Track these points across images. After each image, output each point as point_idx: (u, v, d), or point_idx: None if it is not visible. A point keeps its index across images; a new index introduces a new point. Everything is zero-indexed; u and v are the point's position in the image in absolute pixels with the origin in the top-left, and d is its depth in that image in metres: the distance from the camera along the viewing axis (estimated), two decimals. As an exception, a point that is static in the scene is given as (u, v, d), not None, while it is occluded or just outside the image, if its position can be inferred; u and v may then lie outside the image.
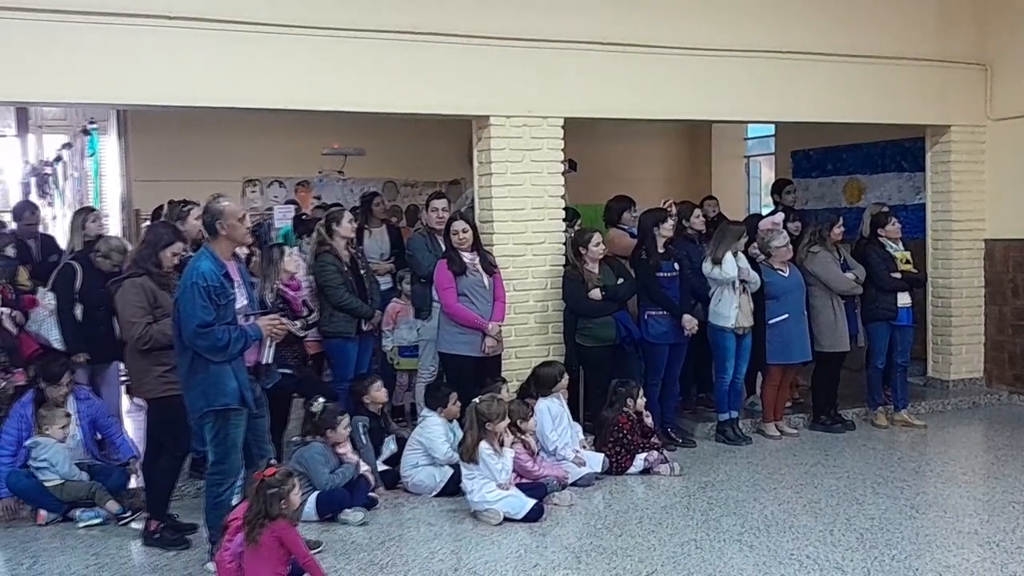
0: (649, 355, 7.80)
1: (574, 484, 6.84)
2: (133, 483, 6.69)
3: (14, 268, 7.04)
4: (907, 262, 8.65)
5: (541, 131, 7.97)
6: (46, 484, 6.37)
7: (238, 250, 5.63)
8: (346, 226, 7.52)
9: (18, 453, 6.44)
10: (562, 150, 8.10)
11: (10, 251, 7.34)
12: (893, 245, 8.62)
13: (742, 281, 7.82)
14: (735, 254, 7.84)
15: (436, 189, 10.25)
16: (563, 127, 8.05)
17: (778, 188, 10.15)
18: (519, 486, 6.35)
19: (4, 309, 6.58)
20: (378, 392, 7.17)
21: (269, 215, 10.11)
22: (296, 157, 12.21)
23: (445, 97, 7.68)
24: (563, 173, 8.19)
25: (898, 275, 8.48)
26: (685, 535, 5.87)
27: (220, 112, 7.78)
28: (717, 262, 7.79)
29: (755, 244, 8.19)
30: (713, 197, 10.49)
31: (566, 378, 7.40)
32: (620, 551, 5.62)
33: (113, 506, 6.34)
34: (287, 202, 10.79)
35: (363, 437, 6.83)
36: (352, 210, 8.32)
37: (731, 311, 7.82)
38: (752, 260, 8.01)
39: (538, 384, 7.32)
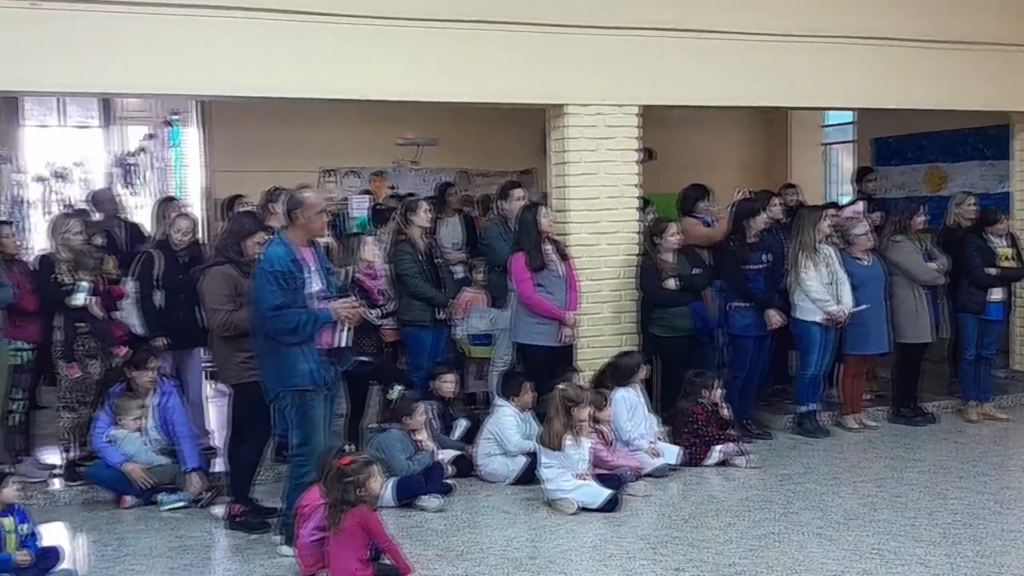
0: (734, 348, 7.73)
1: (649, 475, 6.81)
2: (216, 467, 6.83)
3: (102, 257, 7.22)
4: (1008, 259, 8.40)
5: (616, 119, 7.89)
6: (129, 472, 6.54)
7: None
8: (422, 216, 7.59)
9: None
10: (638, 138, 8.04)
11: (98, 240, 7.54)
12: (997, 240, 8.39)
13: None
14: (822, 242, 7.72)
15: (509, 178, 10.24)
16: (639, 115, 7.99)
17: (859, 176, 9.99)
18: (595, 476, 6.35)
19: (93, 297, 6.75)
20: (446, 385, 7.31)
21: (345, 204, 10.25)
22: (371, 147, 12.32)
23: (520, 85, 7.66)
24: (641, 162, 8.13)
25: (994, 271, 8.26)
26: (764, 528, 5.81)
27: (299, 104, 7.88)
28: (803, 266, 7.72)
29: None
30: (793, 185, 10.32)
31: (644, 369, 7.36)
32: (698, 543, 5.58)
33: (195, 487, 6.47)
34: (362, 192, 10.90)
35: (433, 421, 6.98)
36: (427, 199, 8.37)
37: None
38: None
39: (616, 374, 7.29)
